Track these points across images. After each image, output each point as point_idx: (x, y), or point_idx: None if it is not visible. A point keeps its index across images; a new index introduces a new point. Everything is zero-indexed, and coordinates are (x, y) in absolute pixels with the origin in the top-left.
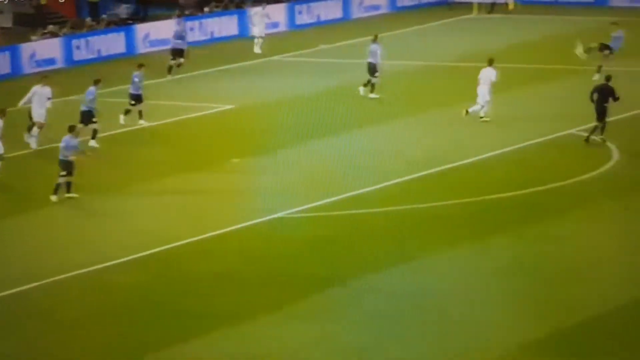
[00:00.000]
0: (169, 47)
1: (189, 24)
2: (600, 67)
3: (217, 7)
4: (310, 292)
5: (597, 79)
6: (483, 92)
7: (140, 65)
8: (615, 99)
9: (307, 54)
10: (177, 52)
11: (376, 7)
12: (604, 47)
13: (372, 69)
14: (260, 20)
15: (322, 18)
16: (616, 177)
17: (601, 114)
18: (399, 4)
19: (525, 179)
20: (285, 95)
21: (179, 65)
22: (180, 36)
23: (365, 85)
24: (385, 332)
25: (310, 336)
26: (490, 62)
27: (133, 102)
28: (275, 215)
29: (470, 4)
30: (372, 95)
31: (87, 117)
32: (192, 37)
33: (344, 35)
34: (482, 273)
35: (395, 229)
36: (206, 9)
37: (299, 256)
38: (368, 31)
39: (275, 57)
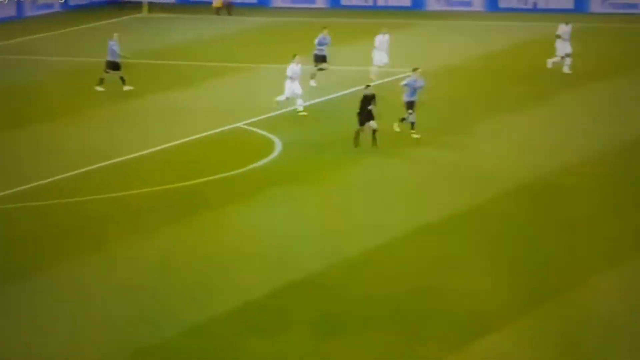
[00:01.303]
0: None
1: None
2: (319, 68)
3: None
4: None
5: (315, 71)
6: (293, 86)
7: None
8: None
9: None
10: None
11: (49, 6)
12: (321, 60)
13: (114, 66)
14: None
15: None
16: (279, 167)
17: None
18: (72, 2)
19: (197, 170)
20: None
21: None
22: None
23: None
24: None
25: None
26: (294, 57)
27: None
28: None
29: (141, 3)
30: (126, 88)
31: None
32: None
33: (17, 32)
34: (151, 264)
35: (78, 220)
36: None
37: None
38: (41, 29)
39: None
